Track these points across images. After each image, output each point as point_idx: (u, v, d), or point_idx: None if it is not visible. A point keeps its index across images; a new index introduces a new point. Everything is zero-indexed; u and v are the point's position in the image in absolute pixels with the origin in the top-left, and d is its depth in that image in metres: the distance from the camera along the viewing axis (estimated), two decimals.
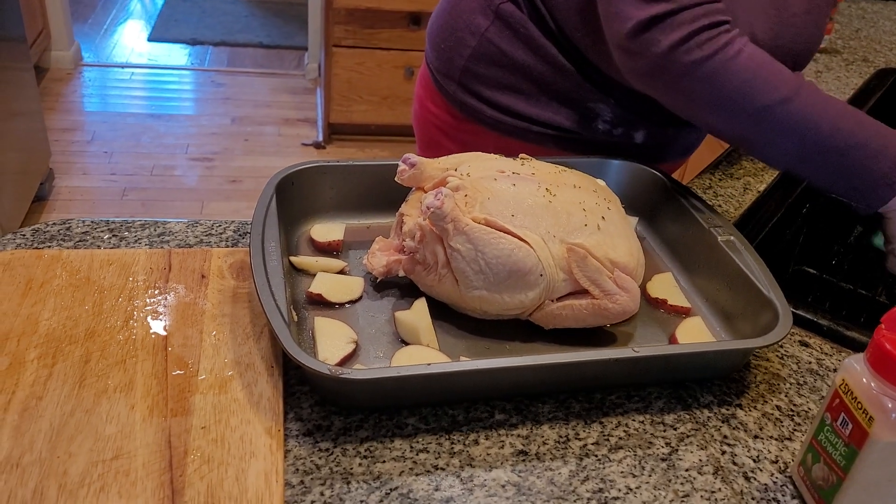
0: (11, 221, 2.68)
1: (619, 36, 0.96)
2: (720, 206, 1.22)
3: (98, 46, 4.47)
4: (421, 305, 0.90)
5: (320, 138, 3.72)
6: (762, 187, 1.26)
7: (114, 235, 0.99)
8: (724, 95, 0.94)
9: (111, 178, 3.29)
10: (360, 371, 0.74)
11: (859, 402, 0.66)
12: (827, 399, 0.70)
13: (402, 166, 0.95)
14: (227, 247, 0.99)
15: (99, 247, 0.97)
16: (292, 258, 0.96)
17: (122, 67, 4.25)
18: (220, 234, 1.02)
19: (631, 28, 0.94)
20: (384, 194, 1.03)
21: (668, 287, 0.98)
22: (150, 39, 4.63)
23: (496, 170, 0.93)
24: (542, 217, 0.88)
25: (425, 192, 0.95)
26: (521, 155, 1.01)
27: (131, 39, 4.62)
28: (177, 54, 4.50)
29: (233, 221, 1.04)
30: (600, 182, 1.00)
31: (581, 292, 0.88)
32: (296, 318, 0.85)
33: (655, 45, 0.93)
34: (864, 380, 0.66)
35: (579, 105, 1.14)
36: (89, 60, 4.27)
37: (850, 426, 0.67)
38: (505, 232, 0.86)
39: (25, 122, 2.87)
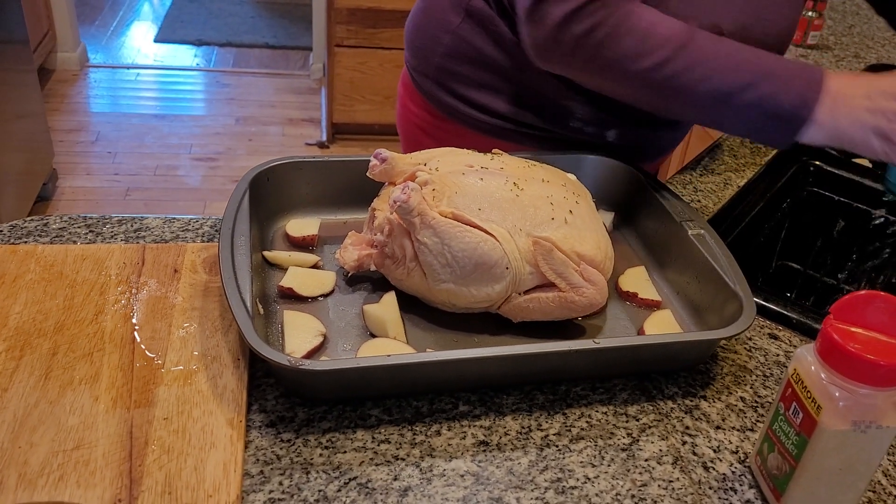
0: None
1: (522, 10, 0.99)
2: (699, 201, 1.22)
3: (105, 47, 4.50)
4: (390, 299, 0.90)
5: (324, 138, 3.73)
6: (742, 182, 1.27)
7: (91, 231, 1.00)
8: (618, 60, 0.96)
9: (115, 178, 3.32)
10: (318, 362, 0.75)
11: (809, 392, 0.66)
12: (781, 388, 0.71)
13: (373, 161, 0.95)
14: (203, 242, 1.00)
15: (75, 242, 0.98)
16: (265, 253, 0.97)
17: (129, 68, 4.28)
18: (197, 229, 1.03)
19: (530, 1, 0.97)
20: (359, 189, 1.04)
21: (639, 280, 0.98)
22: (156, 40, 4.65)
23: (465, 164, 0.94)
24: (509, 211, 0.89)
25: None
26: (493, 150, 1.02)
27: (138, 40, 4.65)
28: (183, 55, 4.52)
29: (209, 217, 1.05)
30: (570, 176, 1.00)
31: (548, 285, 0.89)
32: (261, 310, 0.86)
33: (549, 17, 0.96)
34: (814, 369, 0.66)
35: (552, 103, 1.15)
36: (96, 61, 4.30)
37: (801, 415, 0.67)
38: (471, 225, 0.87)
39: (28, 124, 2.89)
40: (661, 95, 0.98)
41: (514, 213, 0.89)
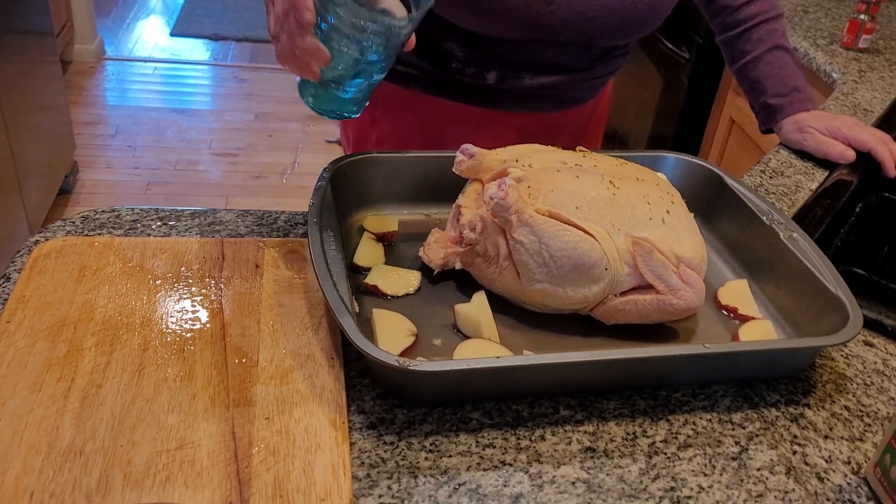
0: (37, 214, 2.67)
1: None
2: (774, 204, 1.19)
3: (120, 41, 4.47)
4: (481, 298, 0.88)
5: None
6: (814, 185, 1.24)
7: (164, 224, 0.98)
8: None
9: (135, 171, 3.29)
10: (429, 363, 0.73)
11: None
12: None
13: (459, 157, 0.93)
14: (279, 237, 0.97)
15: (149, 235, 0.95)
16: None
17: (145, 62, 4.25)
18: (272, 224, 1.00)
19: None
20: (437, 185, 1.01)
21: (741, 295, 0.95)
22: (172, 34, 4.63)
23: (558, 161, 0.91)
24: (607, 210, 0.86)
25: (483, 184, 0.93)
26: (578, 147, 0.99)
27: (153, 34, 4.62)
28: (199, 49, 4.50)
29: (283, 212, 1.03)
30: (661, 175, 0.98)
31: (645, 287, 0.87)
32: (357, 308, 0.83)
33: None
34: None
35: (433, 46, 1.16)
36: (112, 54, 4.27)
37: None
38: (570, 224, 0.85)
39: (51, 115, 2.86)
40: None
41: (612, 212, 0.86)
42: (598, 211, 0.86)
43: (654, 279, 0.85)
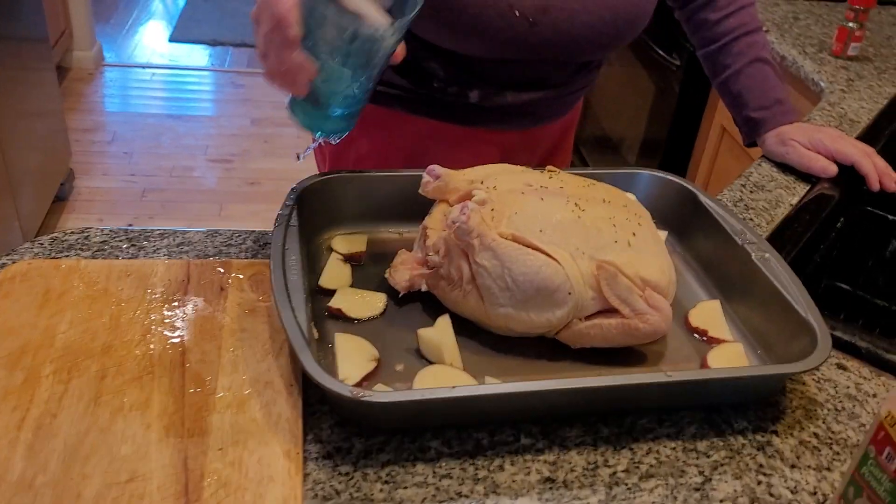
0: (31, 221, 2.67)
1: None
2: (751, 219, 1.18)
3: (119, 47, 4.47)
4: (444, 323, 0.87)
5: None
6: (794, 200, 1.23)
7: (132, 245, 0.97)
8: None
9: (131, 178, 3.29)
10: (381, 394, 0.72)
11: None
12: (871, 431, 0.67)
13: (426, 178, 0.92)
14: (247, 258, 0.97)
15: (117, 256, 0.95)
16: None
17: (143, 68, 4.25)
18: (240, 244, 1.00)
19: None
20: (407, 204, 1.01)
21: (712, 316, 0.93)
22: (170, 40, 4.63)
23: (524, 183, 0.91)
24: (571, 233, 0.86)
25: (450, 205, 0.93)
26: (548, 167, 0.98)
27: (152, 40, 4.62)
28: (197, 55, 4.50)
29: (252, 231, 1.02)
30: (630, 196, 0.97)
31: (610, 311, 0.86)
32: (317, 335, 0.83)
33: None
34: None
35: (416, 66, 1.16)
36: (111, 61, 4.27)
37: None
38: (533, 248, 0.84)
39: (47, 122, 2.87)
40: None
41: (577, 235, 0.86)
42: (563, 234, 0.85)
43: (618, 303, 0.84)
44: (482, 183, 0.91)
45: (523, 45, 1.07)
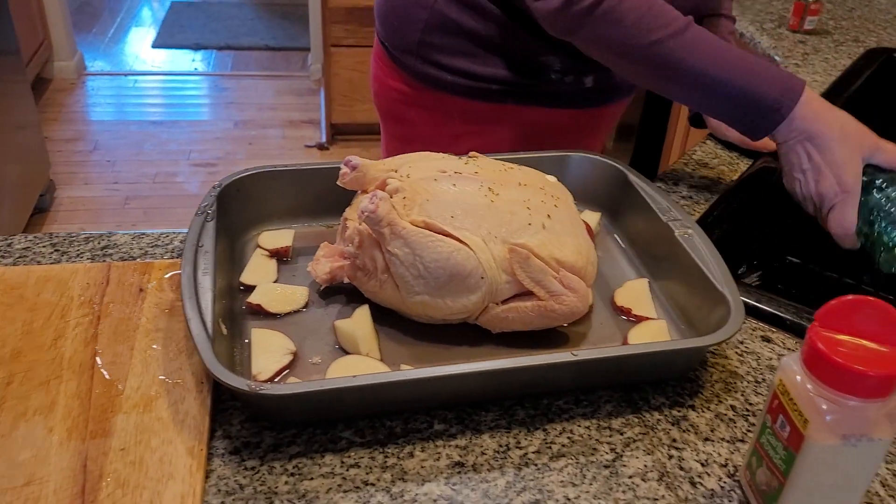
0: (11, 233, 2.67)
1: None
2: (692, 196, 1.18)
3: (103, 54, 4.48)
4: (362, 313, 0.87)
5: (323, 139, 3.70)
6: (735, 176, 1.22)
7: (56, 250, 0.97)
8: (620, 35, 1.00)
9: (114, 186, 3.29)
10: (278, 386, 0.72)
11: (795, 404, 0.62)
12: (768, 400, 0.67)
13: (343, 169, 0.92)
14: (172, 258, 0.97)
15: (39, 262, 0.95)
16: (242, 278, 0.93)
17: (127, 75, 4.26)
18: (167, 245, 1.00)
19: None
20: (335, 198, 1.00)
21: (638, 295, 0.93)
22: (155, 45, 4.63)
23: (437, 170, 0.90)
24: (484, 217, 0.85)
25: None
26: (470, 153, 0.98)
27: (136, 46, 4.63)
28: (181, 60, 4.50)
29: (179, 231, 1.02)
30: (550, 178, 0.96)
31: (526, 294, 0.85)
32: (224, 331, 0.82)
33: None
34: (800, 379, 0.62)
35: (530, 60, 1.18)
36: (94, 69, 4.28)
37: (788, 429, 0.63)
38: (444, 234, 0.83)
39: (23, 135, 2.87)
40: (657, 70, 1.02)
41: (489, 219, 0.85)
42: (475, 219, 0.85)
43: (533, 286, 0.84)
44: (397, 171, 0.91)
45: None
